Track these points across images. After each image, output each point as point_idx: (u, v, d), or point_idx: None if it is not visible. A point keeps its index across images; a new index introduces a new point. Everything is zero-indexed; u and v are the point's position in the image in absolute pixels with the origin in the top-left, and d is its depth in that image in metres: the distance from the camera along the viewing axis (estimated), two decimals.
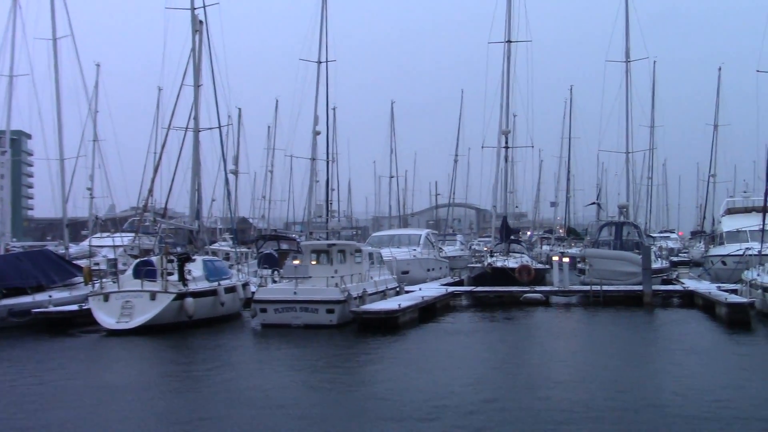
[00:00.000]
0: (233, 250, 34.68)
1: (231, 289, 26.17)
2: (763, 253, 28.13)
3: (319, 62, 40.29)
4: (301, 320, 22.85)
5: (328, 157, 41.03)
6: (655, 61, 51.91)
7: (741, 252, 32.39)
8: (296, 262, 26.19)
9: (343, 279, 23.91)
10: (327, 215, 39.15)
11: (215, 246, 39.81)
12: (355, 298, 23.63)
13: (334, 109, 62.54)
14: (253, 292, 25.39)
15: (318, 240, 32.61)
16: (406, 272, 34.63)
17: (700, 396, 13.03)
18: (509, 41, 40.81)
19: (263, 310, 23.39)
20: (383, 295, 26.92)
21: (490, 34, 42.19)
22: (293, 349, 19.64)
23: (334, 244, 26.78)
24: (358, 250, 27.19)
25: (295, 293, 23.21)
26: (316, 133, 40.90)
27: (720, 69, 62.30)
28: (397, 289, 29.22)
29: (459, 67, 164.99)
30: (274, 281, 27.65)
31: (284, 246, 40.69)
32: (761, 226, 29.22)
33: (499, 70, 41.18)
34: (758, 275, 25.70)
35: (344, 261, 26.10)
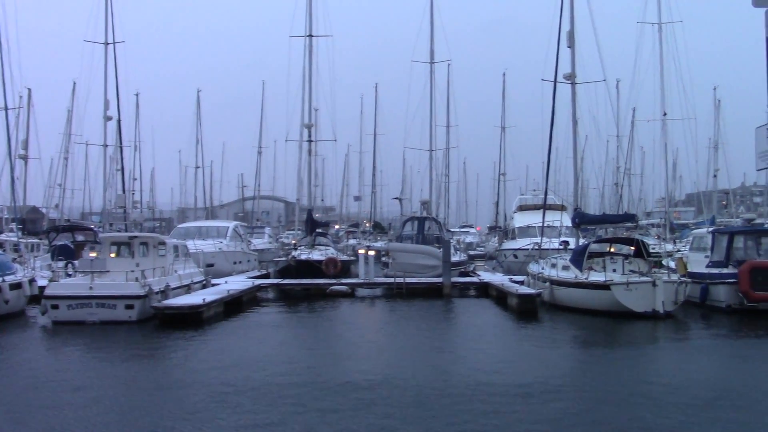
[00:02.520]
0: (21, 241, 32.00)
1: (16, 286, 24.12)
2: (544, 247, 30.67)
3: (106, 44, 38.10)
4: (98, 317, 21.57)
5: (121, 144, 38.90)
6: (449, 64, 54.51)
7: (529, 246, 34.98)
8: (93, 254, 24.64)
9: (144, 273, 22.87)
10: (127, 205, 37.20)
11: (1, 237, 36.50)
12: (157, 293, 22.70)
13: (137, 95, 59.93)
14: (42, 288, 23.57)
15: (118, 231, 30.92)
16: (211, 265, 33.83)
17: (489, 372, 14.00)
18: (310, 35, 41.23)
19: (55, 307, 21.79)
20: (188, 289, 26.09)
21: (291, 28, 42.54)
22: (85, 347, 18.46)
23: (135, 236, 25.53)
24: (162, 243, 26.14)
25: (90, 288, 21.86)
26: (107, 119, 38.72)
27: (504, 75, 66.76)
28: (203, 282, 28.49)
29: (266, 60, 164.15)
30: (68, 275, 25.95)
31: (80, 237, 38.19)
32: (542, 223, 31.89)
33: (301, 64, 41.65)
34: (543, 269, 27.92)
35: (147, 254, 24.99)
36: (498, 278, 32.58)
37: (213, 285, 28.66)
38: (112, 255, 24.47)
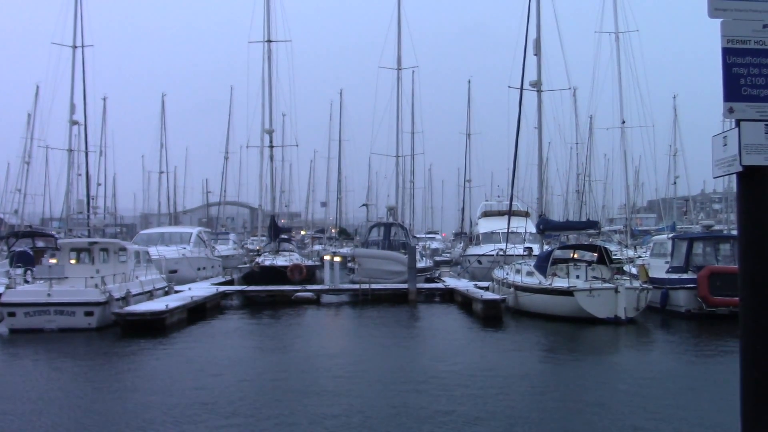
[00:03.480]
0: None
1: None
2: (508, 253, 30.90)
3: (74, 47, 37.50)
4: (56, 324, 21.18)
5: (87, 149, 38.41)
6: (413, 71, 54.70)
7: (493, 252, 35.20)
8: (53, 261, 24.21)
9: (105, 279, 22.52)
10: (88, 211, 36.68)
11: None
12: (118, 299, 22.37)
13: (104, 99, 59.11)
14: None
15: (79, 237, 30.41)
16: (175, 271, 33.47)
17: (456, 378, 14.00)
18: (269, 41, 41.14)
19: (11, 314, 21.34)
20: (150, 295, 25.77)
21: (250, 34, 42.59)
22: (42, 355, 18.10)
23: (95, 242, 25.13)
24: (123, 249, 25.79)
25: (49, 295, 21.45)
26: (73, 123, 38.18)
27: (469, 82, 67.12)
28: (166, 288, 28.15)
29: (231, 64, 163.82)
30: (27, 282, 25.45)
31: (40, 243, 37.46)
32: (507, 229, 32.13)
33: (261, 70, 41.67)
34: (507, 274, 28.10)
35: (107, 260, 24.60)
36: (463, 284, 32.68)
37: (176, 291, 28.32)
38: (72, 261, 24.05)
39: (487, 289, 29.09)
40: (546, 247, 29.66)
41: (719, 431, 10.71)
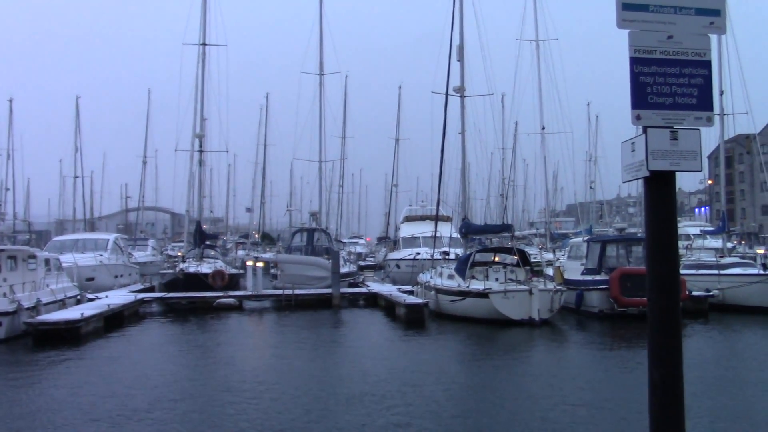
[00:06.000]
0: None
1: None
2: (426, 257, 31.28)
3: None
4: None
5: None
6: (347, 76, 54.79)
7: (412, 256, 35.51)
8: None
9: (13, 288, 21.57)
10: None
11: None
12: (28, 309, 21.46)
13: (10, 100, 56.96)
14: None
15: None
16: (91, 279, 32.41)
17: (377, 379, 14.03)
18: (204, 44, 40.36)
19: None
20: (62, 304, 24.81)
21: (184, 35, 41.65)
22: None
23: (2, 250, 24.02)
24: (32, 256, 24.76)
25: None
26: None
27: (400, 88, 67.82)
28: (78, 297, 27.17)
29: (153, 69, 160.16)
30: None
31: None
32: (434, 233, 32.45)
33: (194, 73, 40.73)
34: (431, 278, 28.37)
35: (15, 268, 23.57)
36: (387, 288, 32.80)
37: (89, 300, 27.36)
38: None
39: (411, 293, 29.29)
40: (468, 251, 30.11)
41: (627, 427, 11.05)
